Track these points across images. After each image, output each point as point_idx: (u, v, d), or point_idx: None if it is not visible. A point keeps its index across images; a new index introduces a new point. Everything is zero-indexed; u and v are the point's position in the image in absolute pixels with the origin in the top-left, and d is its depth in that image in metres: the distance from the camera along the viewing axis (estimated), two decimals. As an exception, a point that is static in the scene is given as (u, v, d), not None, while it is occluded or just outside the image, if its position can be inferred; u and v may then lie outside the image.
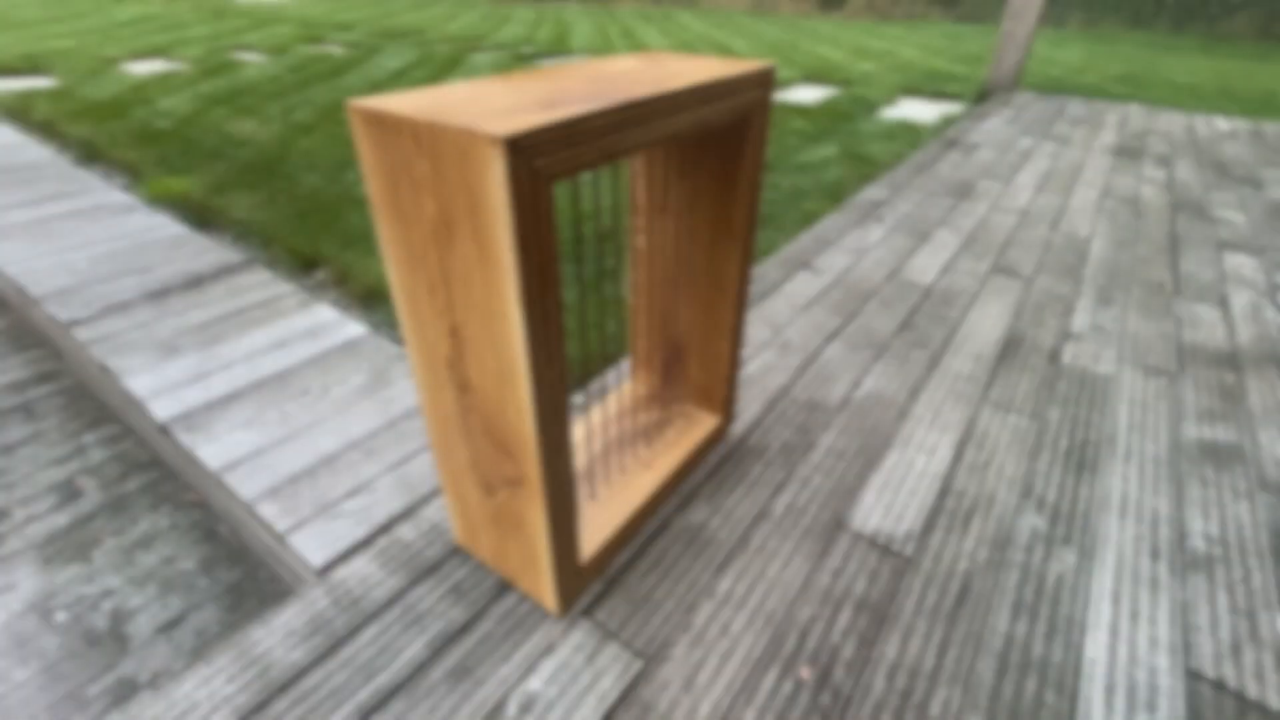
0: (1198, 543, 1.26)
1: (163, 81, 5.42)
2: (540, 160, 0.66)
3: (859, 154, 3.95)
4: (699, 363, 1.39)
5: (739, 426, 1.54)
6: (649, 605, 1.11)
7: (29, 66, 5.84)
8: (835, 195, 3.29)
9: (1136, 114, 4.83)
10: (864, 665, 1.03)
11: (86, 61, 6.02)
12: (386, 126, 0.71)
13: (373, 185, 0.78)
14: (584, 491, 1.22)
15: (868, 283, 2.24)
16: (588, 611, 1.10)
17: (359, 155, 0.74)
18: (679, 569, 1.18)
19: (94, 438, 1.79)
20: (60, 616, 1.32)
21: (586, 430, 1.37)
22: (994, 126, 4.38)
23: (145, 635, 1.29)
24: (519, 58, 7.28)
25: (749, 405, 1.61)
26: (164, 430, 1.50)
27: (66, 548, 1.46)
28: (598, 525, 1.16)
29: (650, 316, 1.40)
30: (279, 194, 3.20)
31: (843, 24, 11.13)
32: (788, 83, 6.00)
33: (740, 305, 1.28)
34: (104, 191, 2.88)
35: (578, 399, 1.64)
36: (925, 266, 2.37)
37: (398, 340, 2.15)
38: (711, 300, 1.28)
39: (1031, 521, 1.30)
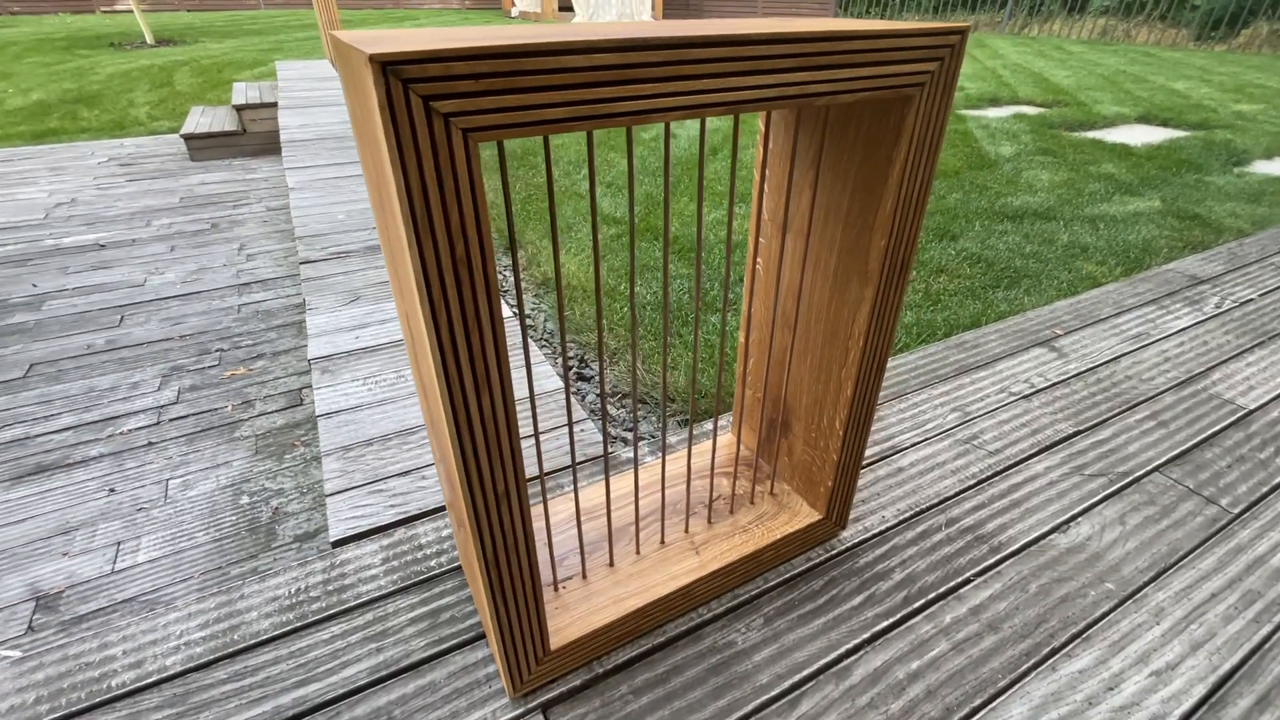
0: None
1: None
2: (449, 104, 0.46)
3: (1191, 213, 2.94)
4: (805, 436, 1.04)
5: (854, 532, 1.14)
6: (625, 734, 0.84)
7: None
8: (1133, 261, 2.46)
9: None
10: None
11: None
12: (345, 60, 0.57)
13: (356, 136, 0.66)
14: (598, 557, 0.98)
15: (1140, 385, 1.57)
16: (549, 708, 0.86)
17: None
18: (686, 702, 0.87)
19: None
20: (244, 500, 1.50)
21: (641, 480, 1.13)
22: None
23: (286, 539, 1.40)
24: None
25: (881, 508, 1.19)
26: (310, 366, 1.65)
27: (273, 444, 1.68)
28: (599, 603, 0.92)
29: (758, 362, 1.10)
30: (516, 180, 3.48)
31: (1223, 56, 8.68)
32: (1112, 120, 4.80)
33: (867, 373, 0.91)
34: (389, 162, 3.43)
35: (673, 437, 1.39)
36: (1254, 381, 1.59)
37: (529, 331, 2.12)
38: (828, 359, 0.94)
39: None
